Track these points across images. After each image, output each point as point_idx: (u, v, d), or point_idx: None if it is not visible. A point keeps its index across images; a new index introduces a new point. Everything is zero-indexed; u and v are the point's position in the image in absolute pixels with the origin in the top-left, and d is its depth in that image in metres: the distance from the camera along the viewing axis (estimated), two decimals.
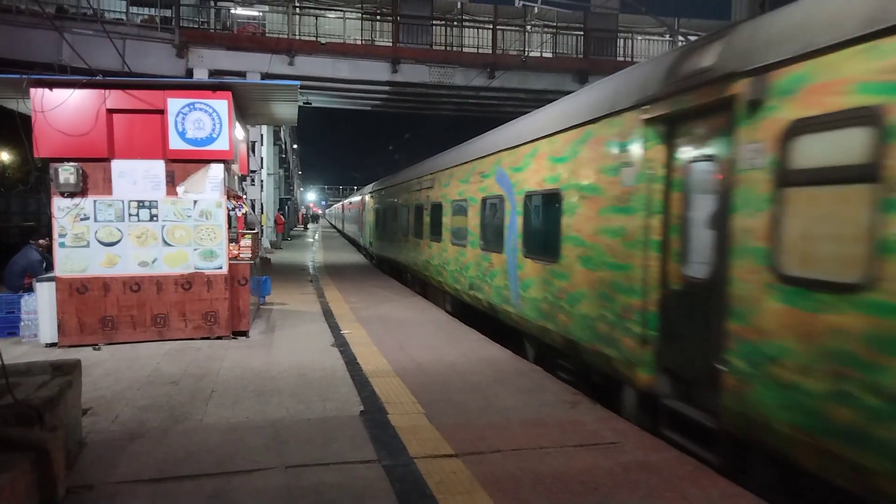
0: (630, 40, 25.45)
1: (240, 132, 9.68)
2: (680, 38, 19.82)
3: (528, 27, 25.54)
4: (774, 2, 5.40)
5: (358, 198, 33.03)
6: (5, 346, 7.44)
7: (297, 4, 22.79)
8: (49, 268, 8.67)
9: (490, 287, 9.03)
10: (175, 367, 6.80)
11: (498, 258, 8.69)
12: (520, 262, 7.86)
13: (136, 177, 7.85)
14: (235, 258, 8.84)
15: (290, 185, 57.79)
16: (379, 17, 24.73)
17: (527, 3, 18.54)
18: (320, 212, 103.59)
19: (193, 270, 8.10)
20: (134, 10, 21.66)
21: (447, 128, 36.68)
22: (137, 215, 7.89)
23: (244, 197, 12.45)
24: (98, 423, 4.96)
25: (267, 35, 21.97)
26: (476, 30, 24.43)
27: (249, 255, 9.21)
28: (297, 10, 22.56)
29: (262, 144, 23.93)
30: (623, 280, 5.42)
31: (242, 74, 20.14)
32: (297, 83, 8.87)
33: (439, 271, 12.33)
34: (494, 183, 8.95)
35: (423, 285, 14.48)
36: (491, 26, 23.83)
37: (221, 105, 7.95)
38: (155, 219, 7.95)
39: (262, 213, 23.26)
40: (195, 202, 8.06)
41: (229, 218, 8.71)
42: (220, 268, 8.18)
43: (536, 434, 4.80)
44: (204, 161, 8.01)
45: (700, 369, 4.57)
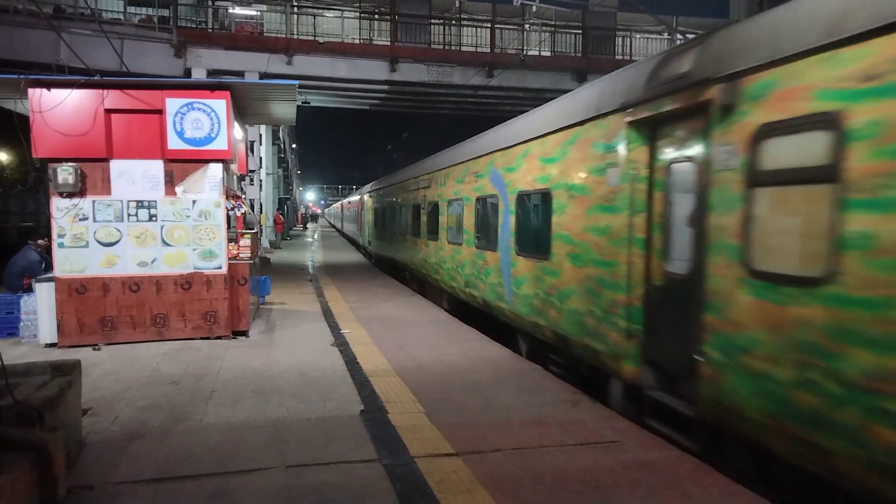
0: (628, 39, 25.45)
1: (238, 132, 9.67)
2: (678, 36, 19.81)
3: (527, 26, 25.55)
4: (774, 1, 5.42)
5: (357, 197, 33.03)
6: (5, 347, 7.44)
7: (295, 4, 22.74)
8: (48, 268, 8.66)
9: (485, 284, 9.16)
10: (175, 367, 6.80)
11: (492, 256, 8.85)
12: (513, 259, 8.00)
13: (134, 177, 7.85)
14: (235, 258, 8.82)
15: (289, 185, 57.77)
16: (377, 17, 24.71)
17: (525, 2, 18.48)
18: (319, 211, 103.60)
19: (193, 270, 8.09)
20: (132, 9, 21.60)
21: (446, 127, 36.66)
22: (136, 215, 7.89)
23: (243, 197, 12.45)
24: (98, 424, 4.96)
25: (265, 34, 21.91)
26: (474, 29, 24.39)
27: (249, 255, 9.19)
28: (295, 9, 22.51)
29: (261, 144, 23.90)
30: (609, 276, 5.60)
31: (241, 74, 20.10)
32: (296, 82, 8.87)
33: (436, 269, 12.42)
34: (489, 183, 9.07)
35: (420, 283, 14.54)
36: (489, 25, 23.82)
37: (220, 105, 7.95)
38: (154, 219, 7.94)
39: (262, 212, 23.23)
40: (194, 202, 8.05)
41: (228, 218, 8.70)
42: (220, 268, 8.18)
43: (537, 433, 4.80)
44: (202, 161, 8.01)
45: (680, 361, 4.74)
